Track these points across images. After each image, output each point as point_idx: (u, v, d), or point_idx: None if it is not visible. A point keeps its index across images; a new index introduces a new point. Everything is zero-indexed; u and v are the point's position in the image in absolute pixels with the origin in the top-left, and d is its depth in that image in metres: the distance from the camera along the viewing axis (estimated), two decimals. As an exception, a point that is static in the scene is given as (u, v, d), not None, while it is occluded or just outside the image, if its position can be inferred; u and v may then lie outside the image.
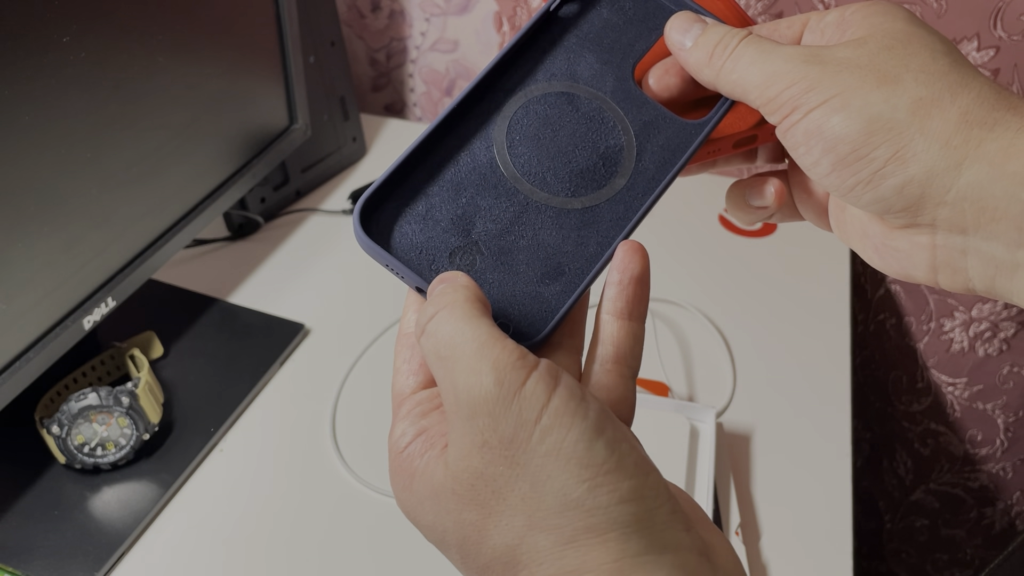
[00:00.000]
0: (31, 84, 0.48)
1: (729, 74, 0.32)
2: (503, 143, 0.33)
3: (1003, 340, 0.91)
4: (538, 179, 0.33)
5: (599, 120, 0.34)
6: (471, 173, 0.33)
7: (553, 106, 0.34)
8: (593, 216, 0.33)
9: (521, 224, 0.32)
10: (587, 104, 0.34)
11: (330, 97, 0.90)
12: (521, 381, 0.25)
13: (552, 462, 0.24)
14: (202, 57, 0.63)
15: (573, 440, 0.24)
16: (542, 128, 0.34)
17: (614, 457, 0.25)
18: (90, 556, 0.55)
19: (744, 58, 0.31)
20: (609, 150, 0.34)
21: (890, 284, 0.93)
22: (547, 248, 0.32)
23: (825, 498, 0.61)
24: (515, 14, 0.93)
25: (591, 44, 0.35)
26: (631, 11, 0.36)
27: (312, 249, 0.83)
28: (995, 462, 1.01)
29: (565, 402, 0.25)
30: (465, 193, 0.32)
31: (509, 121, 0.34)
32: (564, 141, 0.34)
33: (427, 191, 0.32)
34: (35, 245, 0.52)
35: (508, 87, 0.34)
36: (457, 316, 0.26)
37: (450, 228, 0.32)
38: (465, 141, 0.33)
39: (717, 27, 0.33)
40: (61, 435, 0.57)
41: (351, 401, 0.67)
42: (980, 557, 1.11)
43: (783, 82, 0.30)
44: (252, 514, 0.59)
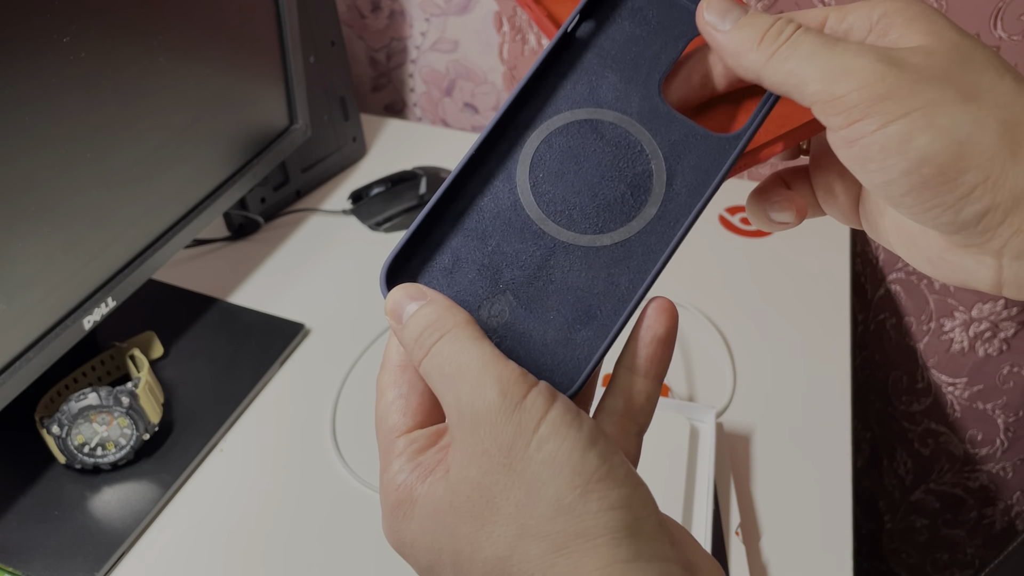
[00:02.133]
0: (31, 84, 0.48)
1: (783, 62, 0.28)
2: (526, 183, 0.32)
3: (1003, 340, 0.91)
4: (564, 218, 0.31)
5: (625, 146, 0.32)
6: (495, 219, 0.31)
7: (576, 136, 0.32)
8: (624, 251, 0.31)
9: (550, 268, 0.31)
10: (612, 130, 0.32)
11: (330, 97, 0.90)
12: (523, 394, 0.26)
13: (547, 469, 0.25)
14: (202, 57, 0.63)
15: (568, 449, 0.25)
16: (566, 162, 0.32)
17: (605, 466, 0.25)
18: (90, 556, 0.55)
19: (803, 47, 0.28)
20: (637, 177, 0.32)
21: (890, 284, 0.94)
22: (578, 291, 0.31)
23: (825, 498, 0.61)
24: (515, 14, 0.93)
25: (613, 62, 0.33)
26: (654, 20, 0.33)
27: (312, 249, 0.83)
28: (995, 462, 1.01)
29: (562, 414, 0.25)
30: (491, 241, 0.31)
31: (532, 158, 0.32)
32: (590, 173, 0.32)
33: (451, 243, 0.31)
34: (35, 245, 0.52)
35: (528, 121, 0.32)
36: (462, 338, 0.27)
37: (477, 280, 0.31)
38: (487, 185, 0.32)
39: (760, 14, 0.30)
40: (61, 435, 0.57)
41: (351, 401, 0.67)
42: (980, 557, 1.11)
43: (854, 81, 0.27)
44: (252, 514, 0.59)
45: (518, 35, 0.94)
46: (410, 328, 0.28)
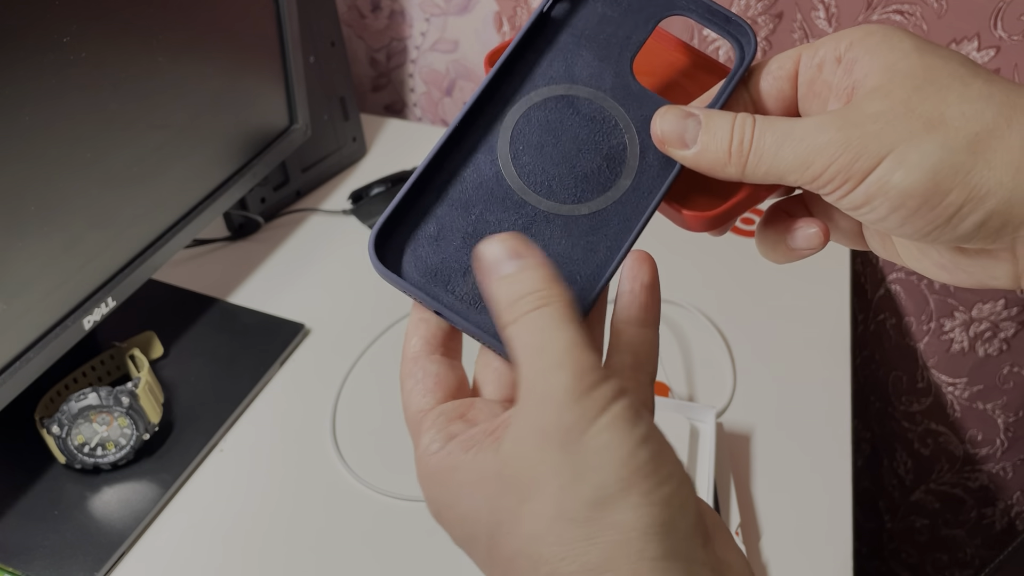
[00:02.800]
0: (31, 84, 0.48)
1: (756, 168, 0.30)
2: (507, 154, 0.33)
3: (1003, 340, 0.91)
4: (544, 188, 0.33)
5: (600, 120, 0.33)
6: (478, 189, 0.32)
7: (553, 111, 0.33)
8: (601, 220, 0.32)
9: (531, 236, 0.32)
10: (587, 105, 0.34)
11: (330, 97, 0.90)
12: (593, 384, 0.26)
13: (597, 457, 0.26)
14: (202, 57, 0.63)
15: (620, 441, 0.26)
16: (544, 135, 0.33)
17: (652, 463, 0.26)
18: (90, 556, 0.55)
19: (767, 145, 0.30)
20: (612, 150, 0.33)
21: (890, 284, 0.94)
22: (559, 258, 0.32)
23: (825, 498, 0.61)
24: (515, 14, 0.93)
25: (587, 41, 0.34)
26: (625, 2, 0.34)
27: (312, 249, 0.83)
28: (995, 462, 1.01)
29: (623, 409, 0.26)
30: (474, 210, 0.32)
31: (512, 131, 0.33)
32: (567, 146, 0.33)
33: (436, 212, 0.32)
34: (35, 245, 0.52)
35: (508, 96, 0.34)
36: (556, 316, 0.27)
37: (462, 247, 0.32)
38: (470, 157, 0.33)
39: (715, 121, 0.31)
40: (61, 435, 0.57)
41: (351, 401, 0.67)
42: (980, 557, 1.11)
43: (824, 158, 0.29)
44: (252, 514, 0.59)
45: (518, 35, 0.94)
46: (507, 288, 0.28)
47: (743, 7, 0.80)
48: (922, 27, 0.77)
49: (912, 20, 0.77)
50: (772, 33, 0.82)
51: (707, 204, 0.34)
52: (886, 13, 0.77)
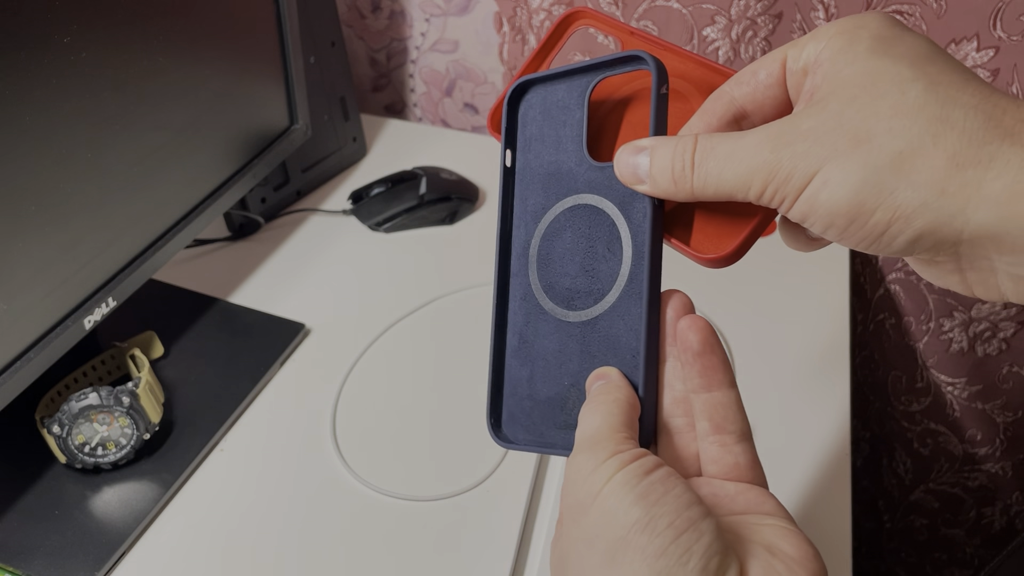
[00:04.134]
0: (31, 84, 0.48)
1: (704, 189, 0.31)
2: (542, 294, 0.36)
3: (1002, 340, 0.91)
4: (571, 302, 0.35)
5: (589, 216, 0.35)
6: (537, 335, 0.37)
7: (557, 232, 0.36)
8: (623, 310, 0.34)
9: (589, 347, 0.35)
10: (576, 212, 0.36)
11: (330, 97, 0.90)
12: (603, 459, 0.30)
13: (600, 524, 0.29)
14: (203, 57, 0.63)
15: (617, 504, 0.28)
16: (561, 260, 0.36)
17: (646, 518, 0.28)
18: (91, 556, 0.55)
19: (709, 167, 0.31)
20: (608, 239, 0.35)
21: (889, 284, 0.94)
22: (611, 358, 0.34)
23: (825, 498, 0.61)
24: (515, 14, 0.93)
25: (548, 162, 0.37)
26: (553, 109, 0.37)
27: (312, 249, 0.83)
28: (994, 462, 1.01)
29: (624, 475, 0.29)
30: (543, 355, 0.36)
31: (538, 280, 0.37)
32: (576, 256, 0.35)
33: (519, 377, 0.37)
34: (35, 245, 0.52)
35: (520, 250, 0.38)
36: (601, 409, 0.32)
37: (550, 394, 0.36)
38: (510, 316, 0.38)
39: (660, 147, 0.32)
40: (62, 435, 0.58)
41: (351, 401, 0.67)
42: (979, 557, 1.11)
43: (760, 178, 0.29)
44: (252, 514, 0.59)
45: (518, 35, 0.94)
46: (590, 394, 0.33)
47: (743, 7, 0.81)
48: (921, 27, 0.77)
49: (911, 20, 0.77)
50: (772, 33, 0.83)
51: (720, 241, 0.35)
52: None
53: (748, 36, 0.83)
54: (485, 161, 0.95)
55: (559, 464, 0.63)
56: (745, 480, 0.33)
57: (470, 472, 0.62)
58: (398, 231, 0.85)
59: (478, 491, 0.60)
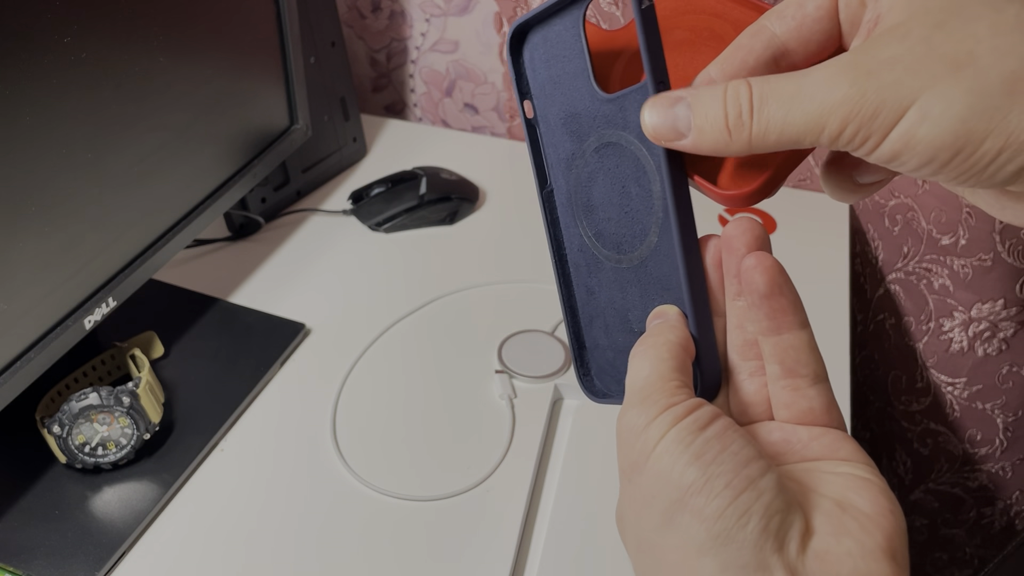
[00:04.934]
0: (32, 84, 0.49)
1: (765, 138, 0.27)
2: (595, 243, 0.35)
3: (1002, 340, 0.91)
4: (621, 247, 0.34)
5: (617, 152, 0.33)
6: (602, 288, 0.35)
7: (594, 172, 0.35)
8: (665, 247, 0.32)
9: (647, 290, 0.34)
10: (604, 150, 0.34)
11: (330, 97, 0.90)
12: (654, 416, 0.28)
13: (655, 484, 0.27)
14: (203, 57, 0.63)
15: (669, 465, 0.27)
16: (599, 206, 0.35)
17: (702, 479, 0.26)
18: (91, 556, 0.55)
19: (771, 111, 0.27)
20: (637, 175, 0.32)
21: (889, 284, 0.94)
22: (667, 297, 0.33)
23: (824, 498, 0.61)
24: (515, 14, 0.93)
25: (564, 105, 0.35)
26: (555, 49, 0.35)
27: (312, 249, 0.83)
28: (994, 462, 1.02)
29: (677, 432, 0.27)
30: (608, 305, 0.35)
31: (587, 229, 0.35)
32: (614, 198, 0.34)
33: (596, 328, 0.36)
34: (36, 245, 0.52)
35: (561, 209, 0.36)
36: (651, 353, 0.30)
37: (629, 341, 0.34)
38: (572, 276, 0.37)
39: (704, 99, 0.28)
40: (62, 435, 0.58)
41: (351, 401, 0.67)
42: (980, 557, 1.11)
43: (838, 118, 0.26)
44: (253, 513, 0.59)
45: (518, 35, 0.94)
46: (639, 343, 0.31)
47: None
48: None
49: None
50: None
51: (746, 177, 0.31)
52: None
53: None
54: (485, 161, 0.95)
55: (559, 464, 0.63)
56: (820, 424, 0.30)
57: (470, 472, 0.62)
58: (398, 231, 0.85)
59: (478, 491, 0.60)
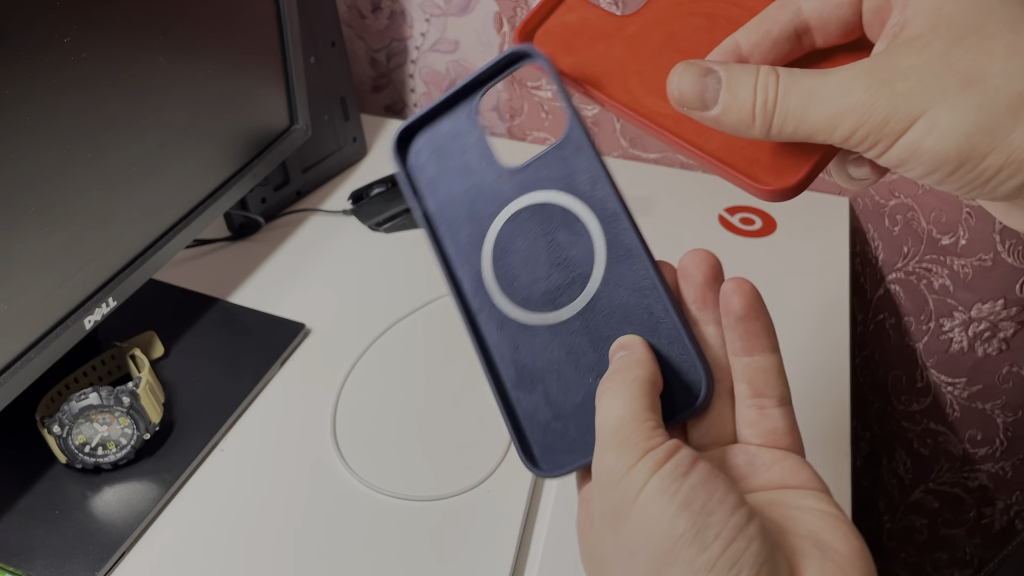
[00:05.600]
0: (32, 84, 0.49)
1: (782, 129, 0.29)
2: (520, 311, 0.34)
3: (1002, 340, 0.91)
4: (555, 301, 0.34)
5: (537, 218, 0.34)
6: (533, 355, 0.34)
7: (507, 252, 0.35)
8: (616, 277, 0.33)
9: (599, 331, 0.33)
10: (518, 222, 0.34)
11: (330, 97, 0.90)
12: (634, 461, 0.27)
13: (641, 536, 0.26)
14: (203, 57, 0.63)
15: (659, 513, 0.26)
16: (524, 269, 0.34)
17: (693, 530, 0.26)
18: (91, 555, 0.55)
19: (791, 103, 0.28)
20: (566, 223, 0.33)
21: (889, 284, 0.94)
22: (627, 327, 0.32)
23: (824, 498, 0.61)
24: (515, 14, 0.93)
25: (462, 194, 0.36)
26: (445, 143, 0.36)
27: (312, 249, 0.83)
28: (994, 462, 1.01)
29: (660, 481, 0.27)
30: (550, 368, 0.34)
31: (507, 301, 0.35)
32: (540, 255, 0.34)
33: (533, 405, 0.34)
34: (35, 245, 0.52)
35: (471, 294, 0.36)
36: (621, 391, 0.29)
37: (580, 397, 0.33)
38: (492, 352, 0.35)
39: (737, 78, 0.29)
40: (62, 435, 0.58)
41: (351, 401, 0.67)
42: (980, 556, 1.11)
43: (851, 120, 0.27)
44: (253, 513, 0.59)
45: (518, 35, 0.94)
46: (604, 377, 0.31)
47: None
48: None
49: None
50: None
51: (783, 172, 0.32)
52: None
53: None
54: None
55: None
56: (781, 446, 0.31)
57: (470, 472, 0.62)
58: (398, 231, 0.85)
59: (478, 491, 0.60)
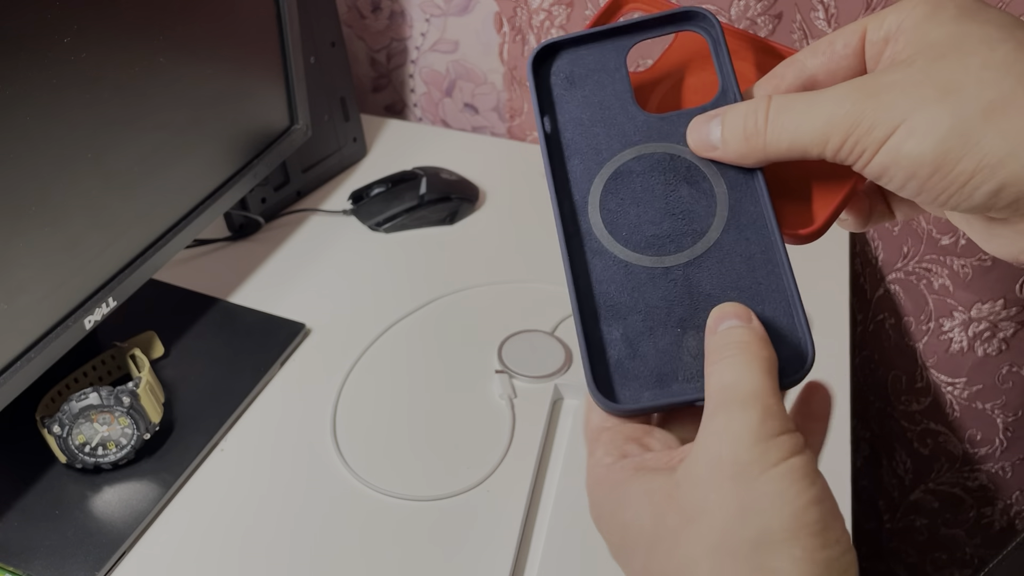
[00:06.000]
0: (32, 84, 0.49)
1: (777, 144, 0.31)
2: (619, 247, 0.34)
3: (1002, 340, 0.91)
4: (662, 247, 0.34)
5: (661, 163, 0.34)
6: (624, 291, 0.34)
7: (620, 189, 0.34)
8: (731, 243, 0.33)
9: (695, 289, 0.33)
10: (643, 162, 0.34)
11: (331, 98, 0.90)
12: (779, 430, 0.27)
13: (770, 502, 0.26)
14: (203, 57, 0.63)
15: (795, 493, 0.26)
16: (631, 209, 0.34)
17: (821, 524, 0.26)
18: (91, 556, 0.55)
19: (784, 121, 0.30)
20: (690, 179, 0.34)
21: (889, 284, 0.94)
22: (728, 290, 0.33)
23: (824, 498, 0.61)
24: (515, 14, 0.93)
25: (593, 124, 0.35)
26: (592, 76, 0.36)
27: (312, 249, 0.83)
28: (994, 462, 1.02)
29: (804, 463, 0.26)
30: (637, 309, 0.33)
31: (605, 227, 0.34)
32: (655, 205, 0.34)
33: (612, 335, 0.33)
34: (36, 245, 0.52)
35: (581, 203, 0.35)
36: (754, 364, 0.28)
37: (659, 342, 0.33)
38: (593, 274, 0.34)
39: (731, 114, 0.32)
40: (62, 435, 0.58)
41: (351, 401, 0.68)
42: (980, 556, 1.11)
43: (840, 130, 0.29)
44: (253, 513, 0.59)
45: (518, 36, 0.94)
46: (719, 339, 0.30)
47: (743, 7, 0.81)
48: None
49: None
50: (772, 33, 0.83)
51: (806, 215, 0.34)
52: (885, 13, 0.77)
53: (748, 36, 0.83)
54: (485, 161, 0.95)
55: (559, 462, 0.63)
56: None
57: (470, 472, 0.62)
58: (398, 231, 0.85)
59: (478, 491, 0.60)
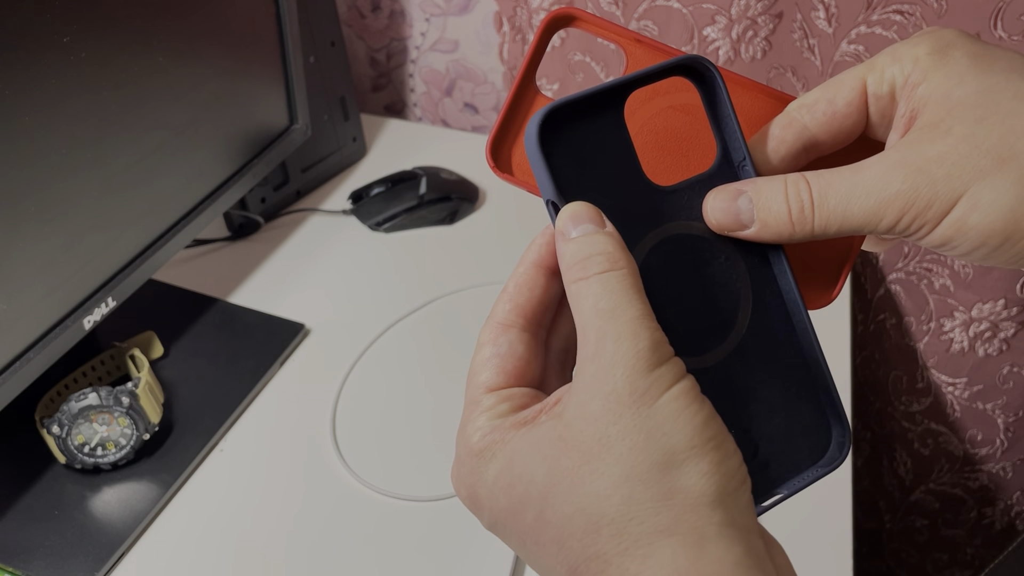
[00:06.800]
0: (31, 84, 0.48)
1: (827, 227, 0.30)
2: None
3: (1003, 340, 0.91)
4: (703, 343, 0.30)
5: (687, 248, 0.31)
6: None
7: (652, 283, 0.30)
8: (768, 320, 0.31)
9: (735, 388, 0.31)
10: (666, 250, 0.30)
11: (330, 97, 0.90)
12: (666, 356, 0.27)
13: (672, 422, 0.26)
14: (203, 57, 0.63)
15: (693, 412, 0.26)
16: (667, 307, 0.30)
17: (720, 437, 0.26)
18: (90, 556, 0.55)
19: (831, 205, 0.30)
20: (714, 258, 0.31)
21: (890, 284, 0.94)
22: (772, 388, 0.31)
23: (825, 498, 0.61)
24: (515, 14, 0.93)
25: (609, 207, 0.30)
26: (592, 141, 0.30)
27: (312, 249, 0.83)
28: (995, 462, 1.01)
29: (692, 386, 0.27)
30: None
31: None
32: (689, 291, 0.30)
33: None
34: (35, 245, 0.52)
35: None
36: (627, 283, 0.27)
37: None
38: None
39: (766, 193, 0.30)
40: (61, 435, 0.57)
41: (351, 401, 0.67)
42: (980, 557, 1.11)
43: (895, 210, 0.29)
44: (252, 514, 0.59)
45: (518, 35, 0.94)
46: (580, 246, 0.28)
47: (743, 7, 0.80)
48: (922, 27, 0.77)
49: (912, 20, 0.77)
50: (772, 33, 0.82)
51: (821, 287, 0.34)
52: (886, 13, 0.77)
53: (748, 36, 0.82)
54: (485, 161, 0.95)
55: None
56: None
57: (470, 472, 0.61)
58: (398, 231, 0.85)
59: (478, 491, 0.60)
